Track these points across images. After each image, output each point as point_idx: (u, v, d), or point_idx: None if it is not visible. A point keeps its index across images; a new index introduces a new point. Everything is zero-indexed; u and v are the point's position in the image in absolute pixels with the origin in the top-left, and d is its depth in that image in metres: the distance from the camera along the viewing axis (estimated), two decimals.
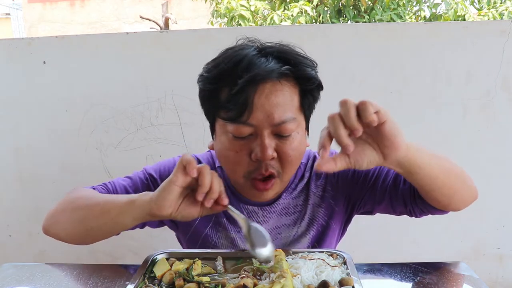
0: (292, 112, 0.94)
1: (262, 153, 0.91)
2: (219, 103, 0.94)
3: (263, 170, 0.94)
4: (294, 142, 0.95)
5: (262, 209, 1.09)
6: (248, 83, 0.90)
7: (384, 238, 1.93)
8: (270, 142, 0.92)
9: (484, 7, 6.52)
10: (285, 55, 0.96)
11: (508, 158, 1.86)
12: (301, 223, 1.11)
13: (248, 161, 0.95)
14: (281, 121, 0.92)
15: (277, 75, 0.92)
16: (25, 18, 13.09)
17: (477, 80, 1.80)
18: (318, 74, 1.00)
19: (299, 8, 5.95)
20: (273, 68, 0.92)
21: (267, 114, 0.91)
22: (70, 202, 0.98)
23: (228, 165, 0.99)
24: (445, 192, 0.95)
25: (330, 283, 0.78)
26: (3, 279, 0.93)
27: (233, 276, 0.84)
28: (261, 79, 0.90)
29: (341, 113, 0.75)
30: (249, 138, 0.93)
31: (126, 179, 1.10)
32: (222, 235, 1.09)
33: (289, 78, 0.95)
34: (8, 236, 1.96)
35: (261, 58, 0.93)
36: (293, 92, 0.96)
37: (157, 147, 1.85)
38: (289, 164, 0.96)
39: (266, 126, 0.92)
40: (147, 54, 1.79)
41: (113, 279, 0.91)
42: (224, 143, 0.96)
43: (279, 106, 0.92)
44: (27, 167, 1.90)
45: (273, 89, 0.92)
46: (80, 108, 1.84)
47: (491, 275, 1.99)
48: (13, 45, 1.82)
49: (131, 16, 12.04)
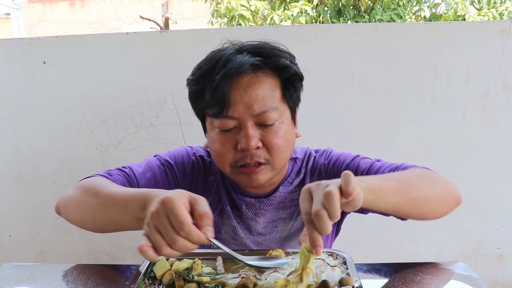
0: (273, 102, 0.99)
1: (246, 143, 0.97)
2: (204, 101, 1.00)
3: (248, 159, 0.99)
4: (279, 131, 0.99)
5: (259, 201, 1.12)
6: (224, 78, 0.96)
7: (384, 238, 1.93)
8: (253, 133, 0.97)
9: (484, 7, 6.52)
10: (259, 49, 1.01)
11: (508, 158, 1.86)
12: (297, 218, 1.13)
13: (234, 152, 1.00)
14: (261, 111, 0.97)
15: (250, 67, 0.97)
16: (25, 18, 13.09)
17: (477, 80, 1.80)
18: (296, 66, 1.05)
19: (299, 8, 5.95)
20: (245, 61, 0.97)
21: (247, 106, 0.97)
22: (84, 190, 0.97)
23: (217, 158, 1.04)
24: (415, 215, 0.96)
25: (330, 283, 0.78)
26: (3, 279, 0.93)
27: (233, 276, 0.84)
28: (235, 72, 0.96)
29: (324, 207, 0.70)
30: (234, 130, 0.99)
31: (142, 164, 1.12)
32: (226, 221, 1.13)
33: (266, 70, 1.00)
34: (8, 236, 1.96)
35: (237, 55, 0.99)
36: (272, 83, 1.00)
37: (157, 147, 1.85)
38: (277, 152, 1.00)
39: (248, 118, 0.97)
40: (147, 54, 1.79)
41: (113, 279, 0.90)
42: (213, 138, 1.03)
43: (258, 97, 0.98)
44: (27, 167, 1.90)
45: (251, 82, 0.98)
46: (80, 108, 1.84)
47: (491, 275, 1.99)
48: (13, 45, 1.82)
49: (131, 16, 12.04)
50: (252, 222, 1.13)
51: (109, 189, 0.92)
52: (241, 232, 1.13)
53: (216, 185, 1.15)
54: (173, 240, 0.69)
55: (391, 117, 1.82)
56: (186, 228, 0.69)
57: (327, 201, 0.67)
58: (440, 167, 1.86)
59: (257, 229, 1.13)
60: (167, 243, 0.70)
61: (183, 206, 0.71)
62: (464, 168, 1.87)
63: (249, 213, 1.12)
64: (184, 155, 1.16)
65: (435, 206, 0.97)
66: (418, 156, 1.83)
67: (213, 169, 1.16)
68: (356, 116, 1.83)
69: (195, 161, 1.16)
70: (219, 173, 1.15)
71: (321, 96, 1.81)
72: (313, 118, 1.80)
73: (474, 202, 1.90)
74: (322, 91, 1.81)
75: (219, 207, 1.14)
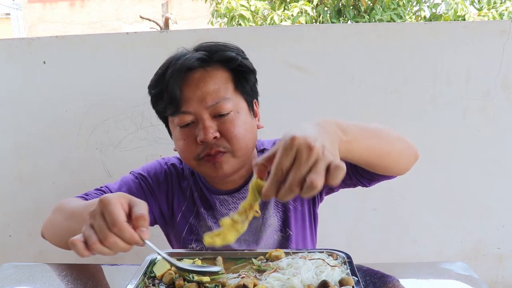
0: (226, 94, 1.04)
1: (204, 134, 1.01)
2: (162, 103, 1.07)
3: (209, 149, 1.03)
4: (235, 120, 1.04)
5: (232, 196, 1.15)
6: (174, 76, 1.03)
7: (384, 238, 1.93)
8: (210, 124, 1.02)
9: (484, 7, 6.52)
10: (206, 47, 1.09)
11: (508, 158, 1.86)
12: (268, 207, 1.16)
13: (195, 146, 1.05)
14: (215, 102, 1.03)
15: (196, 61, 1.03)
16: (25, 18, 13.09)
17: (477, 80, 1.80)
18: (246, 60, 1.10)
19: (299, 8, 5.96)
20: (191, 57, 1.04)
21: (200, 100, 1.03)
22: (58, 211, 1.06)
23: (182, 154, 1.10)
24: (382, 168, 0.99)
25: (330, 283, 0.78)
26: (3, 279, 0.93)
27: (233, 276, 0.84)
28: (183, 68, 1.03)
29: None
30: (192, 125, 1.05)
31: (117, 182, 1.19)
32: (203, 224, 1.17)
33: (215, 64, 1.06)
34: (8, 236, 1.96)
35: (186, 55, 1.07)
36: (223, 76, 1.06)
37: (157, 147, 1.85)
38: (236, 140, 1.04)
39: (203, 110, 1.03)
40: (147, 54, 1.79)
41: (113, 279, 0.91)
42: (176, 136, 1.09)
43: (210, 90, 1.03)
44: (27, 167, 1.90)
45: (202, 77, 1.04)
46: (80, 108, 1.84)
47: (491, 275, 1.99)
48: (13, 45, 1.82)
49: (131, 16, 12.04)
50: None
51: (74, 205, 1.00)
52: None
53: (189, 189, 1.19)
54: (105, 236, 0.71)
55: (391, 117, 1.82)
56: (119, 226, 0.71)
57: (333, 176, 0.63)
58: (440, 167, 1.88)
59: None
60: (99, 239, 0.71)
61: (120, 206, 0.73)
62: (464, 168, 1.87)
63: (223, 209, 1.15)
64: (156, 166, 1.22)
65: (401, 160, 1.00)
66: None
67: (186, 175, 1.21)
68: (356, 116, 1.83)
69: (167, 170, 1.21)
70: (191, 177, 1.20)
71: (321, 96, 1.81)
72: (313, 118, 1.80)
73: (474, 202, 1.90)
74: (322, 91, 1.81)
75: (194, 211, 1.18)
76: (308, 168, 0.64)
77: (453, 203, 1.90)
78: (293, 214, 1.16)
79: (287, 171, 0.66)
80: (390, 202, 1.90)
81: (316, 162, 0.65)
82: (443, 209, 1.90)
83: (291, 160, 0.66)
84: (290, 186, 0.64)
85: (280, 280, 0.81)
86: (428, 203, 1.90)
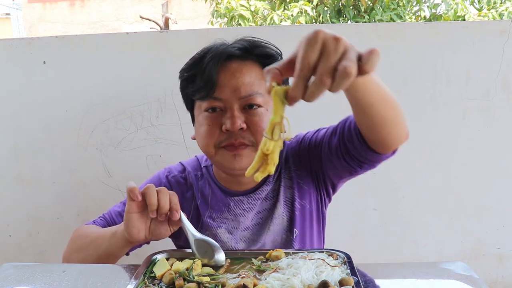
0: (260, 89, 1.04)
1: (231, 123, 1.01)
2: (194, 86, 1.06)
3: (232, 139, 1.02)
4: (264, 116, 1.03)
5: (248, 197, 1.15)
6: (213, 61, 1.02)
7: (384, 238, 1.93)
8: (239, 114, 1.02)
9: (484, 8, 6.52)
10: (249, 40, 1.09)
11: (508, 158, 1.86)
12: (278, 206, 1.15)
13: (219, 133, 1.04)
14: (247, 94, 1.03)
15: (238, 51, 1.04)
16: (25, 18, 13.09)
17: (477, 80, 1.80)
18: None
19: (299, 8, 5.96)
20: (233, 46, 1.06)
21: (234, 89, 1.02)
22: (73, 242, 1.14)
23: (203, 139, 1.07)
24: (377, 118, 0.92)
25: (330, 283, 0.78)
26: (3, 279, 0.93)
27: (233, 276, 0.84)
28: (223, 55, 1.03)
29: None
30: (220, 112, 1.04)
31: (121, 205, 1.21)
32: (209, 233, 1.16)
33: (254, 60, 1.06)
34: (8, 236, 1.96)
35: (226, 45, 1.08)
36: (260, 73, 1.06)
37: (157, 147, 1.85)
38: (261, 135, 1.02)
39: (234, 100, 1.02)
40: (147, 54, 1.79)
41: (113, 279, 0.90)
42: (200, 121, 1.08)
43: (245, 81, 1.03)
44: (27, 167, 1.90)
45: (239, 68, 1.04)
46: (80, 108, 1.84)
47: (491, 275, 1.99)
48: (13, 45, 1.82)
49: (131, 16, 12.05)
50: (242, 218, 1.15)
51: (96, 231, 1.11)
52: (224, 237, 1.15)
53: (193, 199, 1.19)
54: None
55: None
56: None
57: (368, 61, 0.58)
58: (440, 167, 1.88)
59: (245, 224, 1.16)
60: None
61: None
62: (464, 168, 1.87)
63: (237, 209, 1.15)
64: (156, 181, 1.23)
65: (396, 126, 0.95)
66: (418, 156, 1.84)
67: (189, 182, 1.21)
68: None
69: (167, 184, 1.21)
70: (196, 182, 1.20)
71: (321, 96, 1.81)
72: (313, 118, 1.80)
73: (474, 202, 1.90)
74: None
75: (200, 222, 1.18)
76: (338, 56, 0.59)
77: (453, 203, 1.90)
78: (301, 213, 1.16)
79: (314, 65, 0.60)
80: (390, 202, 1.90)
81: (345, 51, 0.60)
82: (443, 209, 1.90)
83: (318, 53, 0.60)
84: (320, 77, 0.59)
85: (280, 280, 0.81)
86: (428, 203, 1.90)
